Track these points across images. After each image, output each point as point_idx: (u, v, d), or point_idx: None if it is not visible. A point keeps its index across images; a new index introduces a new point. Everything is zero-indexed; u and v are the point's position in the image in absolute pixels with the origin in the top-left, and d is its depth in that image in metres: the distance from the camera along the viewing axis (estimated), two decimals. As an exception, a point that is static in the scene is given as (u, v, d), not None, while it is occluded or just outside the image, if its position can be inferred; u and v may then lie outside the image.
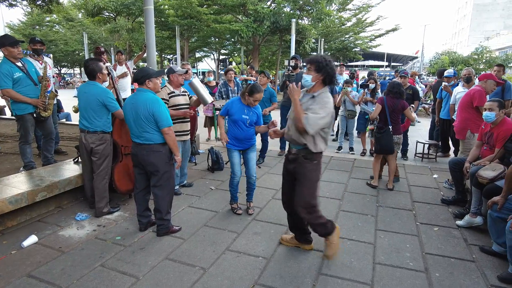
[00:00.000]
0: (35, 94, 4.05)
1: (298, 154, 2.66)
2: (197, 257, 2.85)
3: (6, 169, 4.39)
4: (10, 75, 3.82)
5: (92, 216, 3.61)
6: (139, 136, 3.01)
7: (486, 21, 54.57)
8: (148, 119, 2.95)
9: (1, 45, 3.84)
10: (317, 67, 2.53)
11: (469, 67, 5.54)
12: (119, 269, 2.66)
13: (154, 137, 3.00)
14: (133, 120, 3.00)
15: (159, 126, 2.98)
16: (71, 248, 2.97)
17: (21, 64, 3.97)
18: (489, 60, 21.90)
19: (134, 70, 6.60)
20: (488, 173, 3.21)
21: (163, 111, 2.98)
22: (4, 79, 3.79)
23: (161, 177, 3.08)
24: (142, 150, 3.02)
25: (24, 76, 3.95)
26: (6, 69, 3.81)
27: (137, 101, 2.98)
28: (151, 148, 3.01)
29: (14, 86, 3.88)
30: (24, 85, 3.94)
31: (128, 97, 3.22)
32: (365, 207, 3.99)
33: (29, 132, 4.10)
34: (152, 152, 3.02)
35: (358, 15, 24.25)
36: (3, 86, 3.82)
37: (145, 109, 2.93)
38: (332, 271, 2.69)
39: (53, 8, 9.23)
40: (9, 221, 3.32)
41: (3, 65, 3.84)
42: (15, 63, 3.91)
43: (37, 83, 4.08)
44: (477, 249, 3.04)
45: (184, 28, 19.05)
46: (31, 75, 4.02)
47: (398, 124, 4.62)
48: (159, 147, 3.05)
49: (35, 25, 31.73)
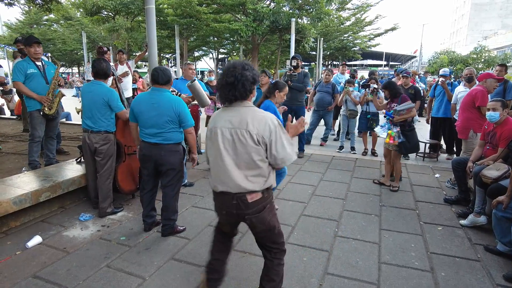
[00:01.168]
0: (44, 92, 4.11)
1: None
2: (202, 257, 2.84)
3: (8, 169, 4.37)
4: (23, 70, 3.99)
5: (95, 216, 3.60)
6: (156, 136, 2.99)
7: (484, 21, 54.78)
8: (173, 119, 2.97)
9: (24, 45, 4.15)
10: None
11: (470, 67, 5.56)
12: (125, 270, 2.65)
13: (173, 136, 3.02)
14: (152, 119, 2.96)
15: (184, 126, 3.04)
16: (76, 248, 2.96)
17: (40, 64, 4.11)
18: (488, 59, 21.98)
19: (136, 69, 6.57)
20: (492, 172, 3.23)
21: (187, 111, 3.05)
22: (17, 72, 3.99)
23: (174, 176, 3.09)
24: (159, 150, 3.00)
25: (38, 73, 4.07)
26: (21, 65, 4.02)
27: (160, 101, 2.97)
28: (169, 148, 3.02)
29: (26, 81, 4.03)
30: (35, 82, 4.05)
31: (141, 95, 3.16)
32: (368, 206, 4.00)
33: (36, 129, 4.14)
34: (171, 152, 3.03)
35: (357, 14, 24.29)
36: (14, 79, 4.05)
37: (170, 109, 2.95)
38: (339, 270, 2.69)
39: (53, 7, 9.20)
40: (12, 222, 3.31)
41: (21, 62, 4.09)
42: (34, 62, 4.06)
43: (49, 83, 4.15)
44: (482, 249, 3.05)
45: (183, 27, 19.00)
46: (46, 75, 4.13)
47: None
48: (176, 146, 3.08)
49: (33, 24, 31.58)
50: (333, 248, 3.04)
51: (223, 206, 2.01)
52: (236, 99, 1.92)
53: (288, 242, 3.12)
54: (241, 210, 1.94)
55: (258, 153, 1.88)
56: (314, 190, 4.51)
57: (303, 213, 3.77)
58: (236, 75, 1.86)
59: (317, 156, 6.29)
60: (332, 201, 4.15)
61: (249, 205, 1.93)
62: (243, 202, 1.92)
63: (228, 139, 1.91)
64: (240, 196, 1.91)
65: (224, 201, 1.97)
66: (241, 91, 1.89)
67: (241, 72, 1.87)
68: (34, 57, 4.04)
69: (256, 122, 1.87)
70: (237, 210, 1.95)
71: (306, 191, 4.46)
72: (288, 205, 3.99)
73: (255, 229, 2.03)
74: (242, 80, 1.87)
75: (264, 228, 2.01)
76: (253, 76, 1.92)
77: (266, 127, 1.87)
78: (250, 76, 1.90)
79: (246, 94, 1.92)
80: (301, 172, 5.27)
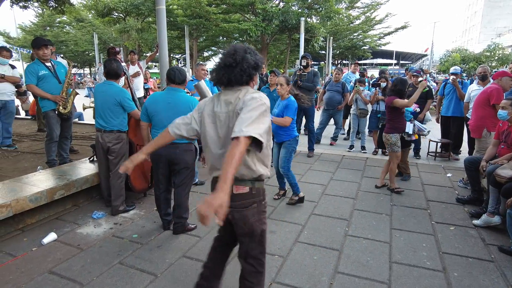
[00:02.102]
0: (59, 92, 4.19)
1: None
2: (213, 255, 2.86)
3: (24, 167, 4.47)
4: (35, 73, 4.06)
5: (108, 214, 3.67)
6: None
7: (498, 18, 53.62)
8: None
9: (32, 47, 4.19)
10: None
11: (484, 65, 5.47)
12: (137, 267, 2.70)
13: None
14: (168, 118, 2.94)
15: None
16: (90, 245, 3.02)
17: (50, 65, 4.19)
18: (502, 57, 21.51)
19: (147, 69, 6.65)
20: (507, 172, 3.17)
21: None
22: (29, 76, 4.06)
23: (187, 175, 3.14)
24: (174, 149, 3.03)
25: (49, 74, 4.14)
26: (32, 67, 4.09)
27: (177, 101, 3.04)
28: (184, 146, 3.07)
29: (39, 83, 4.10)
30: (48, 83, 4.12)
31: (156, 95, 3.20)
32: (379, 206, 3.97)
33: (53, 129, 4.23)
34: (185, 151, 3.08)
35: (366, 13, 24.08)
36: (27, 82, 4.10)
37: (188, 109, 2.99)
38: (349, 270, 2.68)
39: (66, 9, 9.38)
40: (28, 219, 3.39)
41: (31, 64, 4.15)
42: (44, 63, 4.13)
43: (62, 82, 4.23)
44: (496, 249, 3.00)
45: (193, 28, 19.15)
46: (57, 75, 4.21)
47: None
48: (190, 145, 3.13)
49: (46, 26, 32.21)
50: (344, 247, 3.03)
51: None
52: (229, 83, 1.72)
53: (298, 241, 3.13)
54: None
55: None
56: (324, 189, 4.50)
57: (313, 212, 3.77)
58: (236, 58, 1.68)
59: (327, 156, 6.26)
60: (343, 200, 4.14)
61: (234, 197, 1.70)
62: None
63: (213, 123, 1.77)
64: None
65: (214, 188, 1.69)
66: (237, 75, 1.68)
67: (243, 55, 1.69)
68: (43, 59, 4.11)
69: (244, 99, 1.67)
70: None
71: (316, 190, 4.45)
72: (298, 204, 3.99)
73: (236, 229, 1.83)
74: (242, 63, 1.68)
75: (244, 230, 1.80)
76: (255, 61, 1.72)
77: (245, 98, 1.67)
78: (251, 60, 1.70)
79: (243, 79, 1.71)
80: (311, 171, 5.26)
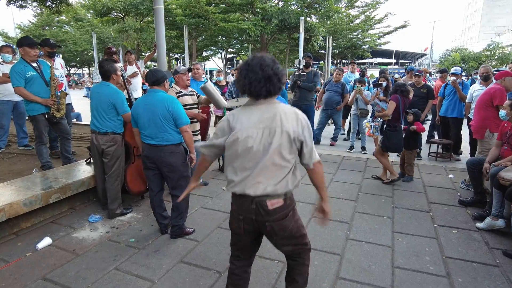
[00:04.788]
0: (47, 94, 4.06)
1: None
2: (212, 260, 2.80)
3: (19, 169, 4.40)
4: (23, 74, 3.87)
5: (105, 217, 3.60)
6: (154, 137, 2.98)
7: (497, 17, 53.57)
8: (167, 119, 2.93)
9: (20, 45, 3.94)
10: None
11: (486, 65, 5.40)
12: (134, 273, 2.63)
13: (170, 137, 2.98)
14: (148, 121, 2.96)
15: (178, 124, 2.98)
16: (85, 250, 2.96)
17: (36, 65, 4.01)
18: (502, 56, 21.46)
19: (146, 69, 6.58)
20: (511, 174, 3.11)
21: (181, 109, 3.01)
22: (16, 77, 3.85)
23: (178, 178, 3.06)
24: (158, 151, 2.98)
25: (37, 76, 3.98)
26: (19, 68, 3.88)
27: (153, 101, 2.95)
28: (168, 149, 2.99)
29: (27, 86, 3.92)
30: (36, 85, 3.97)
31: (138, 99, 3.17)
32: (380, 208, 3.91)
33: (43, 132, 4.13)
34: (170, 153, 3.00)
35: (366, 12, 24.01)
36: (15, 84, 3.88)
37: (163, 108, 2.92)
38: (351, 275, 2.62)
39: (62, 9, 9.29)
40: (23, 223, 3.33)
41: (17, 65, 3.93)
42: (30, 63, 3.95)
43: (49, 84, 4.09)
44: (500, 253, 2.94)
45: (192, 27, 19.06)
46: (45, 76, 4.05)
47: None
48: (176, 147, 3.04)
49: (45, 26, 32.07)
50: (345, 251, 2.97)
51: (240, 211, 1.85)
52: (269, 95, 1.77)
53: (298, 245, 3.07)
54: (260, 216, 1.79)
55: (290, 151, 1.76)
56: (325, 191, 4.43)
57: (314, 215, 3.70)
58: (273, 69, 1.74)
59: (327, 156, 6.20)
60: (343, 202, 4.07)
61: (269, 212, 1.78)
62: (263, 208, 1.77)
63: (257, 139, 1.74)
64: (259, 201, 1.77)
65: (243, 204, 1.82)
66: (276, 86, 1.76)
67: (274, 65, 1.75)
68: (33, 59, 3.96)
69: (290, 119, 1.75)
70: (256, 216, 1.80)
71: (316, 192, 4.37)
72: (298, 207, 3.91)
73: (276, 236, 1.87)
74: (278, 74, 1.75)
75: (286, 235, 1.88)
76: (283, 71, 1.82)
77: (299, 123, 1.77)
78: (282, 70, 1.80)
79: (280, 89, 1.80)
80: (311, 172, 5.17)
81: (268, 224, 1.80)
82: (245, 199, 1.79)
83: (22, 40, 3.97)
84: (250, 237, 1.95)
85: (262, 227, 1.84)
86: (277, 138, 1.72)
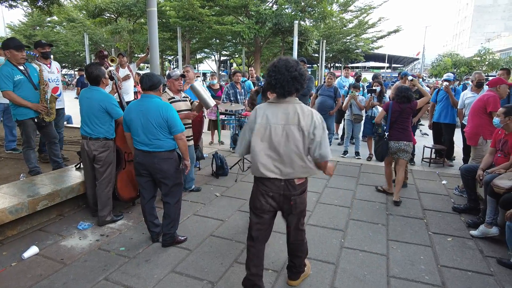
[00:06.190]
0: (36, 98, 3.95)
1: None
2: (204, 270, 2.74)
3: (6, 175, 4.28)
4: (10, 77, 3.75)
5: (94, 224, 3.51)
6: (148, 144, 2.91)
7: (487, 23, 54.53)
8: (161, 126, 2.87)
9: (6, 47, 3.80)
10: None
11: (479, 71, 5.44)
12: (124, 283, 2.55)
13: (164, 144, 2.92)
14: (141, 127, 2.89)
15: (173, 131, 2.92)
16: (74, 259, 2.86)
17: (23, 68, 3.90)
18: (492, 62, 21.78)
19: (138, 72, 6.49)
20: (505, 182, 3.11)
21: (176, 116, 2.94)
22: (4, 80, 3.72)
23: (172, 185, 3.00)
24: (152, 158, 2.91)
25: (25, 79, 3.87)
26: (7, 71, 3.75)
27: (148, 108, 2.88)
28: (161, 155, 2.92)
29: (15, 90, 3.80)
30: (25, 89, 3.86)
31: (131, 103, 3.09)
32: (375, 215, 3.89)
33: (31, 137, 4.02)
34: (164, 160, 2.93)
35: (359, 17, 24.17)
36: (3, 88, 3.75)
37: (158, 115, 2.85)
38: (346, 285, 2.58)
39: (54, 10, 9.15)
40: (9, 231, 3.22)
41: (4, 67, 3.79)
42: (17, 66, 3.84)
43: (37, 88, 3.98)
44: (494, 262, 2.93)
45: (185, 30, 18.94)
46: (32, 79, 3.94)
47: (407, 130, 4.33)
48: (169, 154, 2.97)
49: (36, 26, 31.63)
50: (340, 260, 2.93)
51: (270, 189, 2.18)
52: (297, 92, 2.11)
53: (292, 253, 3.01)
54: (288, 191, 2.17)
55: (305, 146, 2.09)
56: (319, 197, 4.40)
57: (308, 222, 3.66)
58: (297, 69, 2.04)
59: (321, 161, 6.17)
60: (338, 209, 4.04)
61: (296, 187, 2.18)
62: (291, 184, 2.16)
63: (280, 134, 2.09)
64: (288, 179, 2.15)
65: (273, 184, 2.17)
66: (303, 85, 2.09)
67: (298, 66, 2.05)
68: (20, 62, 3.84)
69: (306, 118, 2.07)
70: (285, 191, 2.17)
71: (310, 198, 4.34)
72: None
73: (296, 210, 2.25)
74: (303, 74, 2.07)
75: (302, 208, 2.28)
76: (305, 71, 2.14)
77: (312, 122, 2.07)
78: (305, 71, 2.11)
79: (303, 87, 2.12)
80: (305, 178, 5.14)
81: (293, 198, 2.20)
82: (275, 179, 2.16)
83: (8, 42, 3.84)
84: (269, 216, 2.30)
85: (286, 201, 2.21)
86: (295, 132, 2.07)
